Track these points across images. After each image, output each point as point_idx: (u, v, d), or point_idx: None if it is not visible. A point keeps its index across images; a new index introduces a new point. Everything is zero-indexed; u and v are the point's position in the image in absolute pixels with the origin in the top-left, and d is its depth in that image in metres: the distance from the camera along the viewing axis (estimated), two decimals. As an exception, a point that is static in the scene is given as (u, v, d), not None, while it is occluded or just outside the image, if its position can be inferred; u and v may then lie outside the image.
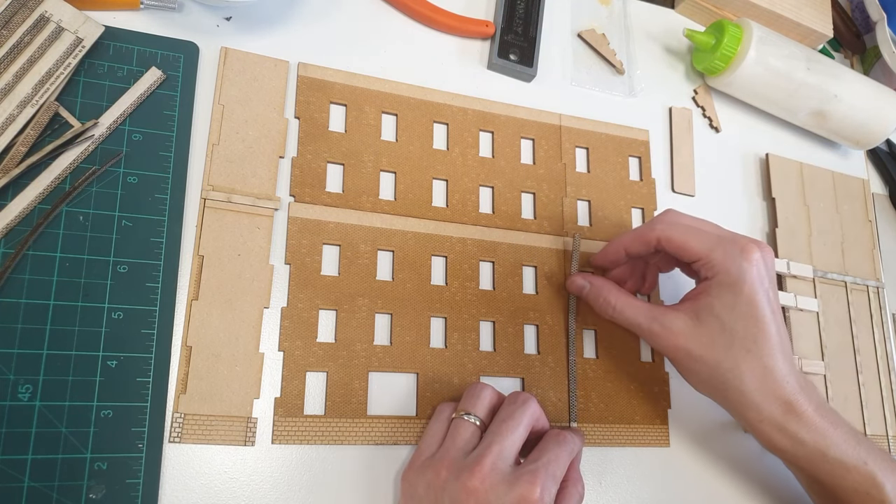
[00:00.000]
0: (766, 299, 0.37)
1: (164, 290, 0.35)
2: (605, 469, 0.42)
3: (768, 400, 0.37)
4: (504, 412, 0.35)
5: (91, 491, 0.32)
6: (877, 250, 0.57)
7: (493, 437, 0.34)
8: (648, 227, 0.40)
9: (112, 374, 0.33)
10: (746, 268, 0.37)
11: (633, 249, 0.41)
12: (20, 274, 0.33)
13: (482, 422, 0.36)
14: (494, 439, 0.34)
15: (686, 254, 0.39)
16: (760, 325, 0.37)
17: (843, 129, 0.56)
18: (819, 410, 0.38)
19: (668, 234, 0.39)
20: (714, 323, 0.37)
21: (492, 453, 0.33)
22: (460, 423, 0.35)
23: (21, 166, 0.34)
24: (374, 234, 0.41)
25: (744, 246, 0.37)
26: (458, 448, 0.34)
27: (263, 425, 0.36)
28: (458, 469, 0.33)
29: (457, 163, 0.44)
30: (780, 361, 0.37)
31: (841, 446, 0.37)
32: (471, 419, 0.35)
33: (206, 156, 0.38)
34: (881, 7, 0.62)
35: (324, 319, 0.39)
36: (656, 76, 0.54)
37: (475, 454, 0.33)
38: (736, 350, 0.37)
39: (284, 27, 0.43)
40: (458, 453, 0.34)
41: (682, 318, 0.38)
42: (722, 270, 0.37)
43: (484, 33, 0.48)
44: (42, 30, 0.36)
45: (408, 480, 0.35)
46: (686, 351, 0.38)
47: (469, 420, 0.35)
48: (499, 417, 0.35)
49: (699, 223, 0.40)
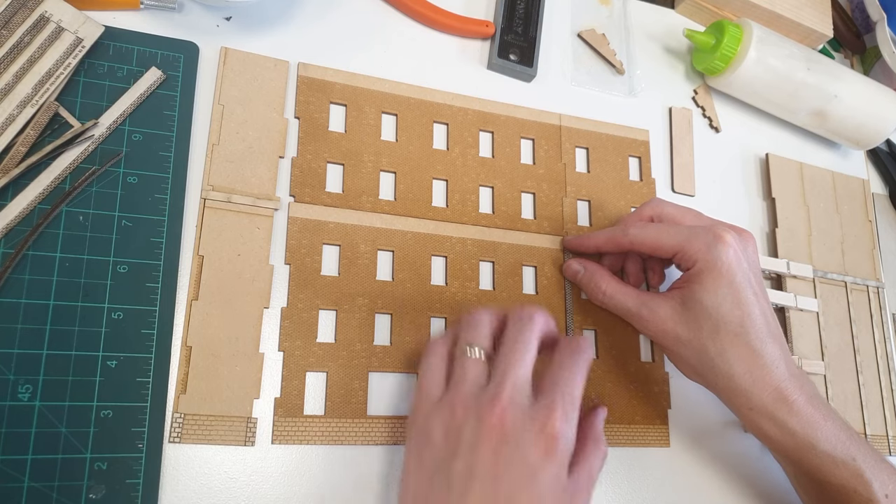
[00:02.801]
0: (747, 282, 0.37)
1: (164, 290, 0.35)
2: (605, 469, 0.42)
3: (758, 386, 0.37)
4: (511, 335, 0.34)
5: (91, 491, 0.32)
6: (877, 250, 0.57)
7: (505, 367, 0.33)
8: (622, 232, 0.41)
9: (112, 374, 0.33)
10: (722, 252, 0.37)
11: (606, 250, 0.42)
12: (20, 274, 0.33)
13: (487, 352, 0.34)
14: (507, 370, 0.33)
15: (661, 252, 0.39)
16: (744, 308, 0.37)
17: (843, 129, 0.56)
18: (811, 401, 0.37)
19: (640, 238, 0.40)
20: (699, 309, 0.37)
21: (507, 387, 0.32)
22: (466, 361, 0.34)
23: (21, 166, 0.34)
24: (374, 234, 0.41)
25: (717, 233, 0.38)
26: (469, 386, 0.33)
27: (263, 425, 0.36)
28: (475, 408, 0.32)
29: (457, 163, 0.44)
30: (769, 346, 0.37)
31: (831, 440, 0.37)
32: (475, 353, 0.34)
33: (206, 156, 0.38)
34: (881, 7, 0.62)
35: (324, 319, 0.39)
36: (656, 76, 0.54)
37: (490, 390, 0.32)
38: (723, 335, 0.37)
39: (284, 27, 0.43)
40: (470, 390, 0.33)
41: (670, 304, 0.39)
42: (699, 259, 0.37)
43: (484, 33, 0.48)
44: (42, 30, 0.36)
45: (417, 426, 0.34)
46: (674, 336, 0.38)
47: (474, 355, 0.34)
48: (507, 343, 0.34)
49: (680, 213, 0.41)
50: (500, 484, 0.30)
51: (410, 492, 0.33)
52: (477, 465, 0.30)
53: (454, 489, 0.30)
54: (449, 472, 0.31)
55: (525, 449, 0.31)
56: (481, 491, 0.30)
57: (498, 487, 0.30)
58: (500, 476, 0.30)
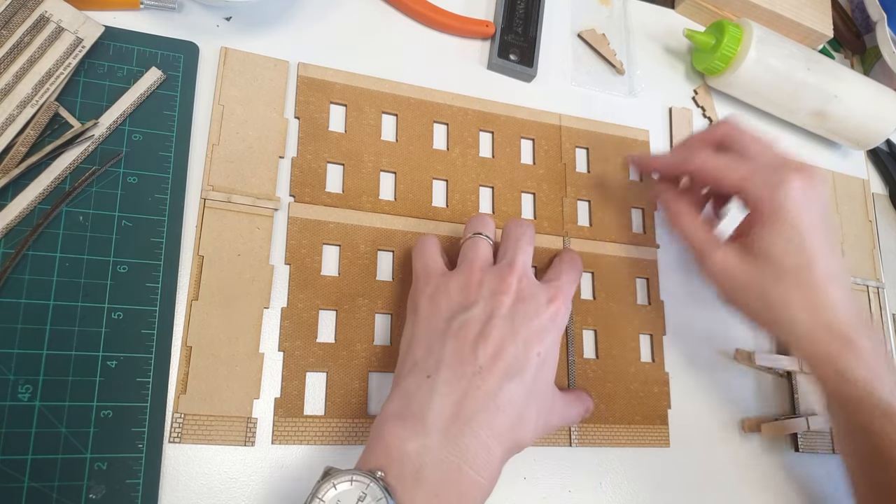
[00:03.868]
0: (812, 227, 0.36)
1: (164, 290, 0.35)
2: (605, 469, 0.42)
3: (822, 333, 0.36)
4: (514, 232, 0.38)
5: (91, 491, 0.32)
6: (877, 250, 0.57)
7: (516, 250, 0.36)
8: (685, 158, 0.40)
9: (112, 374, 0.33)
10: (786, 198, 0.36)
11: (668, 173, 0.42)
12: (20, 274, 0.33)
13: (494, 242, 0.38)
14: (517, 252, 0.36)
15: (722, 188, 0.38)
16: (808, 253, 0.35)
17: (843, 130, 0.56)
18: (876, 350, 0.36)
19: (703, 169, 0.39)
20: (761, 254, 0.36)
21: (519, 261, 0.36)
22: (479, 240, 0.37)
23: (21, 166, 0.34)
24: (374, 234, 0.41)
25: (783, 175, 0.36)
26: (482, 259, 0.36)
27: (263, 425, 0.36)
28: (494, 271, 0.35)
29: (457, 163, 0.44)
30: (835, 293, 0.36)
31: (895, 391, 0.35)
32: (483, 237, 0.37)
33: (206, 156, 0.38)
34: (881, 7, 0.62)
35: (324, 319, 0.39)
36: (656, 76, 0.54)
37: (505, 260, 0.36)
38: (785, 281, 0.36)
39: (284, 27, 0.43)
40: (484, 262, 0.36)
41: (734, 248, 0.38)
42: (762, 202, 0.36)
43: (484, 33, 0.48)
44: (42, 30, 0.36)
45: (426, 294, 0.35)
46: (733, 278, 0.37)
47: (485, 239, 0.37)
48: (512, 236, 0.37)
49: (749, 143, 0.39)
50: (518, 328, 0.33)
51: (421, 332, 0.34)
52: (498, 310, 0.34)
53: (474, 326, 0.33)
54: (469, 313, 0.34)
55: (539, 309, 0.34)
56: (502, 328, 0.33)
57: (516, 330, 0.33)
58: (518, 323, 0.33)
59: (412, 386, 0.32)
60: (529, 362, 0.33)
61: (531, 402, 0.33)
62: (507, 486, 0.39)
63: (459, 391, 0.31)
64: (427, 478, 0.29)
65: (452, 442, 0.30)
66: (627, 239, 0.47)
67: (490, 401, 0.31)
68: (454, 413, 0.31)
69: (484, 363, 0.32)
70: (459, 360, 0.32)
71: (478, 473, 0.30)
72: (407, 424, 0.30)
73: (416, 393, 0.32)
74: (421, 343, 0.34)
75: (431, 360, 0.32)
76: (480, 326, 0.33)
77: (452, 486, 0.29)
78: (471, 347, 0.32)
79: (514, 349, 0.33)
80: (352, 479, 0.29)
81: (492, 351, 0.32)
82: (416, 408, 0.31)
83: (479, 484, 0.30)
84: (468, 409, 0.31)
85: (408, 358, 0.34)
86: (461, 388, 0.31)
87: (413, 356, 0.34)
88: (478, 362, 0.32)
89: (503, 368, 0.32)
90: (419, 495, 0.29)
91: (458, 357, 0.32)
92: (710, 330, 0.48)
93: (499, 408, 0.31)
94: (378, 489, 0.28)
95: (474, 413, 0.31)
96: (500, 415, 0.31)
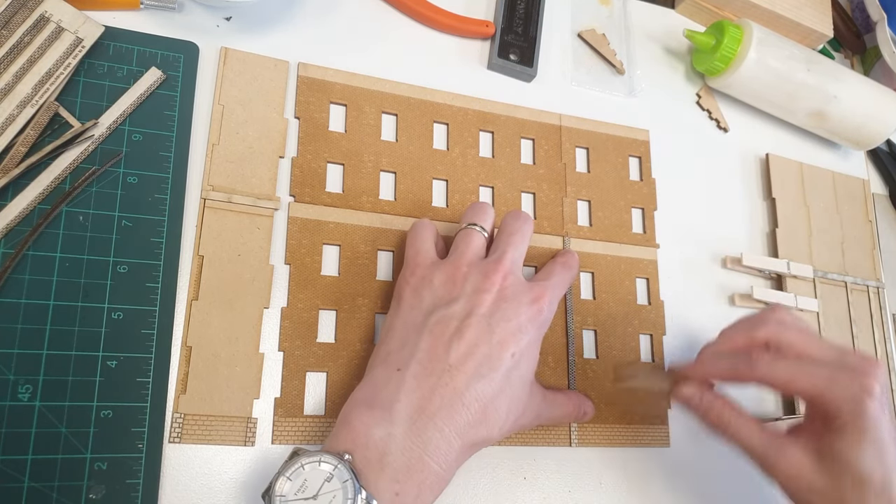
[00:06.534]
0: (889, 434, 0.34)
1: (164, 291, 0.35)
2: (606, 469, 0.42)
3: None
4: (510, 227, 0.38)
5: (91, 491, 0.32)
6: (877, 250, 0.57)
7: (506, 245, 0.37)
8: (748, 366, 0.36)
9: (112, 374, 0.33)
10: (869, 407, 0.34)
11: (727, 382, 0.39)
12: (20, 274, 0.33)
13: (489, 235, 0.38)
14: (507, 248, 0.37)
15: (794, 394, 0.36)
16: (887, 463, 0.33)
17: (842, 130, 0.56)
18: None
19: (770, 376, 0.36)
20: (839, 462, 0.34)
21: (508, 259, 0.36)
22: (472, 232, 0.38)
23: (21, 166, 0.34)
24: (374, 234, 0.41)
25: (864, 383, 0.34)
26: (473, 252, 0.37)
27: (263, 425, 0.36)
28: (480, 266, 0.36)
29: (457, 163, 0.44)
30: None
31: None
32: (478, 230, 0.38)
33: (206, 156, 0.38)
34: (881, 7, 0.62)
35: (324, 320, 0.39)
36: (656, 76, 0.54)
37: (494, 256, 0.36)
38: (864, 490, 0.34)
39: (284, 27, 0.43)
40: (474, 255, 0.37)
41: (803, 451, 0.35)
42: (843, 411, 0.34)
43: (484, 33, 0.48)
44: (42, 30, 0.36)
45: (410, 285, 0.36)
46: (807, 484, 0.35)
47: (480, 231, 0.38)
48: (506, 231, 0.38)
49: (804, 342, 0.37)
50: (494, 328, 0.34)
51: (399, 323, 0.35)
52: (477, 308, 0.34)
53: (451, 323, 0.34)
54: (448, 309, 0.34)
55: (519, 310, 0.35)
56: (477, 327, 0.33)
57: (492, 330, 0.34)
58: (495, 323, 0.34)
59: (382, 377, 0.33)
60: (502, 362, 0.33)
61: (501, 401, 0.33)
62: (507, 486, 0.39)
63: (427, 387, 0.32)
64: (391, 464, 0.30)
65: (416, 434, 0.31)
66: (627, 239, 0.48)
67: (457, 398, 0.32)
68: (420, 407, 0.31)
69: (454, 362, 0.33)
70: (431, 357, 0.33)
71: (439, 465, 0.31)
72: (374, 413, 0.31)
73: (386, 384, 0.33)
74: (397, 334, 0.35)
75: (405, 353, 0.33)
76: (457, 324, 0.34)
77: (415, 474, 0.31)
78: (444, 345, 0.33)
79: (486, 349, 0.33)
80: (320, 460, 0.30)
81: (464, 350, 0.33)
82: (384, 398, 0.32)
83: (440, 475, 0.31)
84: (434, 405, 0.32)
85: (382, 347, 0.35)
86: (429, 385, 0.32)
87: (387, 346, 0.35)
88: (449, 360, 0.33)
89: (473, 367, 0.33)
90: (383, 479, 0.30)
91: (431, 354, 0.33)
92: (711, 330, 0.48)
93: (465, 405, 0.32)
94: (346, 470, 0.29)
95: (439, 409, 0.32)
96: (465, 412, 0.32)
